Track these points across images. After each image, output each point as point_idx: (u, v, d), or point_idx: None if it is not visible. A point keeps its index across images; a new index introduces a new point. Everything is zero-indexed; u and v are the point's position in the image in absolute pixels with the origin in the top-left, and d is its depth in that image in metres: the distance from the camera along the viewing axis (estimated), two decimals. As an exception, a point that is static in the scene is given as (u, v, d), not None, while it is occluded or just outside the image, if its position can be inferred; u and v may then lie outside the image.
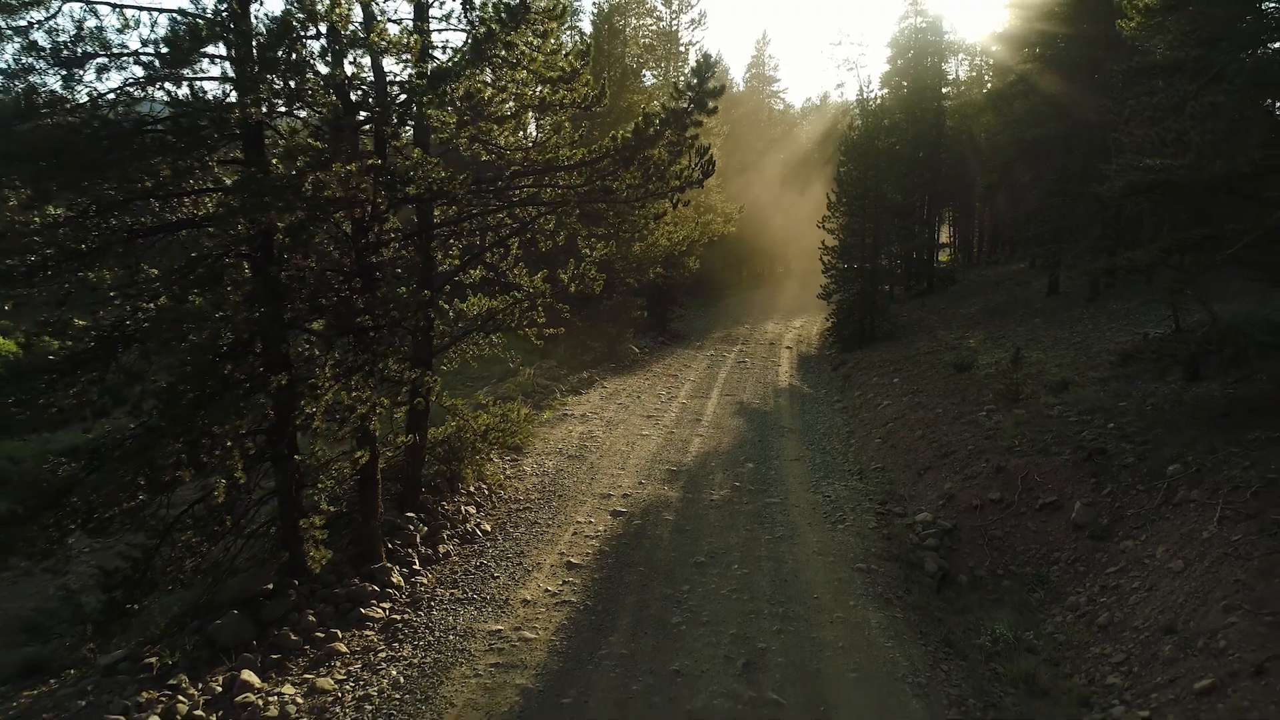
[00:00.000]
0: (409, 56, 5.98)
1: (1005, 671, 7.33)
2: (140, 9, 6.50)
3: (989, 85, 29.44)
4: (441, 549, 8.93)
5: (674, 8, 28.84)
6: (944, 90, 31.54)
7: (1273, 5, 7.86)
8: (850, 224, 23.26)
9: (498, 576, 8.44)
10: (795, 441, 14.20)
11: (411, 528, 8.92)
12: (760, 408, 16.82)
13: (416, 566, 8.41)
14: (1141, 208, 16.84)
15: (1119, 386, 12.49)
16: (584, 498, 10.98)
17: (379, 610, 7.50)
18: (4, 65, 5.90)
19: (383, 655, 6.83)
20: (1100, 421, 11.20)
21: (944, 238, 43.64)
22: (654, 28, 28.13)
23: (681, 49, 29.38)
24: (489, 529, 9.75)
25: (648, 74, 25.95)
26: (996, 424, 12.25)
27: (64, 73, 5.93)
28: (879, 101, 28.54)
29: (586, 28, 24.40)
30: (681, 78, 28.38)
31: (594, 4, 23.84)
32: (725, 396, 17.68)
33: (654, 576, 8.50)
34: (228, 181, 6.60)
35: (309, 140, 6.06)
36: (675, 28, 29.22)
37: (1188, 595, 7.51)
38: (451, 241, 9.72)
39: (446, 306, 8.84)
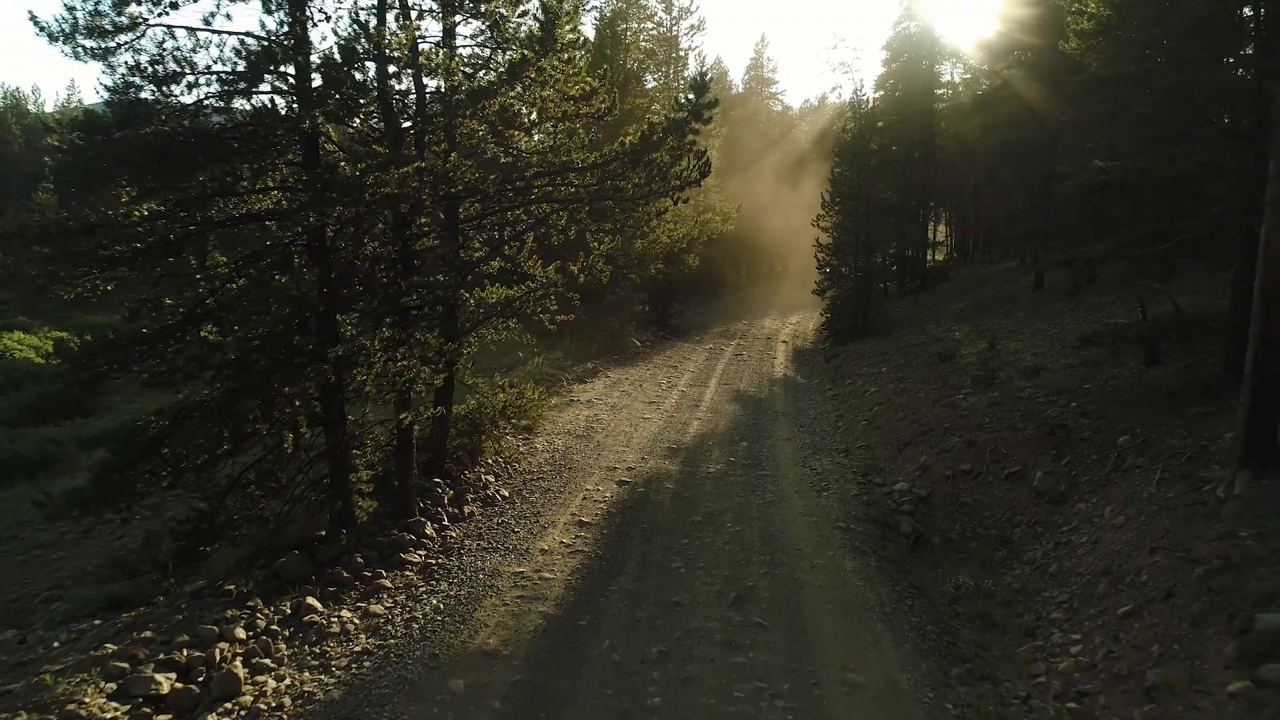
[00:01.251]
0: (450, 76, 7.15)
1: (964, 610, 8.52)
2: (213, 32, 7.71)
3: (983, 88, 30.62)
4: (466, 510, 10.11)
5: (674, 14, 30.22)
6: (937, 93, 32.77)
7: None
8: (843, 223, 24.48)
9: (517, 531, 9.62)
10: (787, 424, 15.39)
11: (439, 490, 10.10)
12: (755, 395, 18.00)
13: (445, 523, 9.60)
14: (1123, 207, 18.03)
15: (1086, 371, 13.68)
16: (592, 470, 12.16)
17: (416, 556, 8.68)
18: (112, 84, 7.06)
19: (423, 589, 8.01)
20: (1064, 401, 12.40)
21: (941, 237, 44.87)
22: (654, 32, 29.39)
23: (681, 53, 30.69)
24: (507, 494, 10.94)
25: (649, 77, 27.22)
26: (971, 405, 13.45)
27: (159, 89, 7.11)
28: (872, 104, 29.71)
29: (589, 32, 25.63)
30: (681, 81, 29.63)
31: (597, 12, 24.94)
32: (723, 385, 18.87)
33: (656, 533, 9.68)
34: (292, 182, 7.78)
35: (373, 146, 7.24)
36: (675, 33, 30.54)
37: (1124, 544, 8.69)
38: (473, 235, 10.90)
39: (467, 295, 10.00)
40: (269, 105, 7.50)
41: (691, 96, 7.81)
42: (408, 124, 7.75)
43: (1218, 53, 9.36)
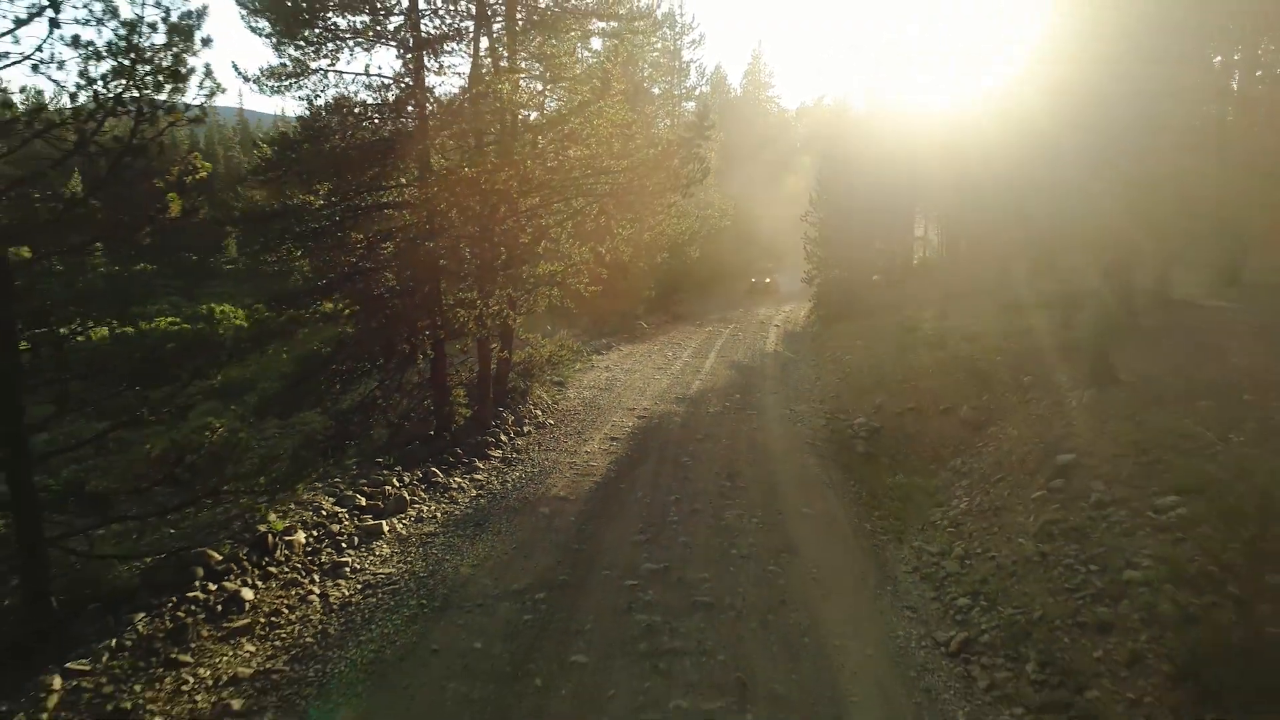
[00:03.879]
0: (533, 109, 10.79)
1: (894, 492, 12.16)
2: (367, 75, 11.37)
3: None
4: (525, 429, 13.77)
5: (676, 30, 33.96)
6: (923, 99, 36.49)
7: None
8: (829, 219, 28.18)
9: (566, 442, 13.27)
10: (774, 384, 19.07)
11: (504, 415, 13.75)
12: (749, 365, 21.69)
13: (512, 436, 13.24)
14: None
15: (1019, 337, 17.37)
16: (615, 410, 15.81)
17: (496, 453, 12.33)
18: (302, 114, 10.71)
19: (507, 469, 11.66)
20: (993, 356, 16.07)
21: (934, 235, 48.62)
22: (659, 46, 33.07)
23: (683, 64, 34.45)
24: (553, 422, 14.60)
25: (655, 87, 30.93)
26: (922, 362, 17.12)
27: (334, 118, 10.76)
28: (859, 110, 33.45)
29: (596, 43, 29.28)
30: (683, 89, 33.37)
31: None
32: (720, 357, 22.55)
33: (668, 444, 13.34)
34: (414, 181, 11.45)
35: (480, 152, 10.92)
36: (678, 46, 34.28)
37: (1011, 444, 12.34)
38: (526, 223, 14.56)
39: (528, 267, 13.65)
40: (402, 128, 11.17)
41: (697, 121, 11.50)
42: (493, 138, 11.37)
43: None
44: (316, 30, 10.79)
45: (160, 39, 5.49)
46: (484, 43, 11.80)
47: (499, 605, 7.43)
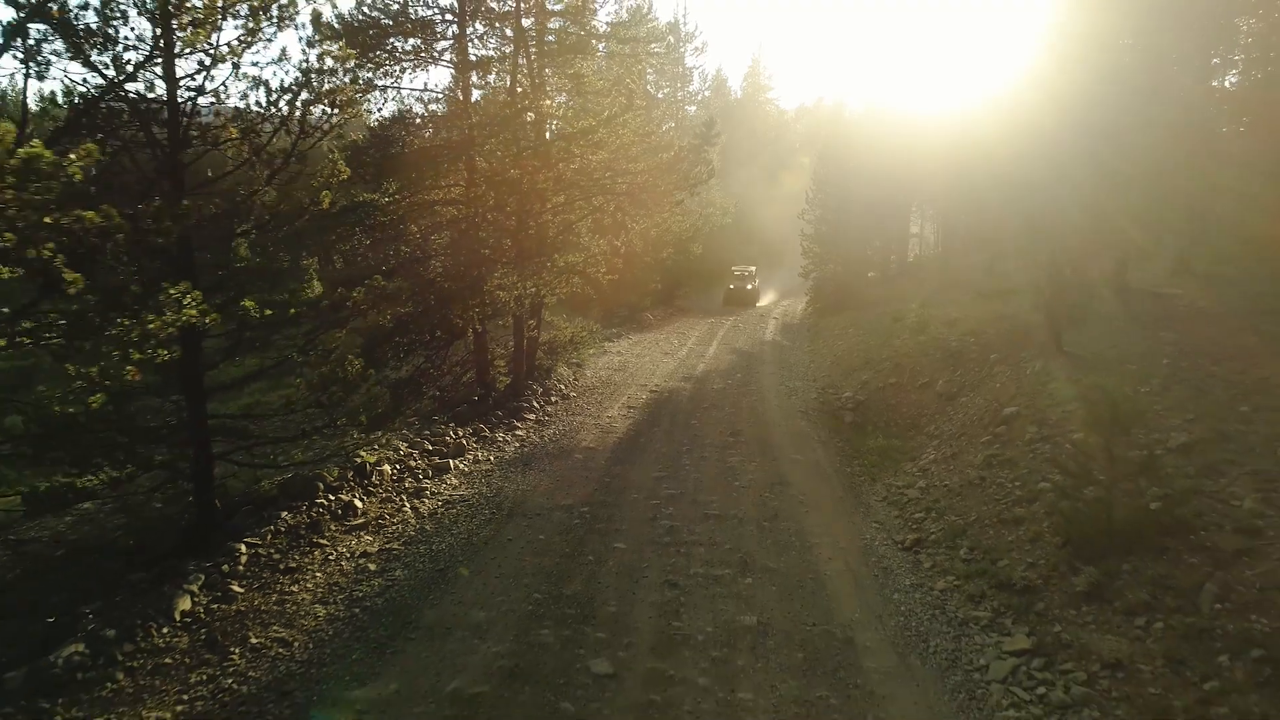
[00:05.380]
0: (572, 124, 13.03)
1: (873, 449, 14.37)
2: (423, 91, 13.61)
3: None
4: (552, 399, 16.00)
5: (680, 37, 36.25)
6: (918, 101, 38.81)
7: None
8: (825, 216, 30.46)
9: (589, 409, 15.50)
10: (772, 366, 21.32)
11: (534, 386, 15.98)
12: (749, 351, 23.94)
13: (542, 404, 15.47)
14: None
15: (992, 322, 19.62)
16: (629, 386, 18.04)
17: (530, 416, 14.55)
18: (374, 125, 12.92)
19: (542, 428, 13.88)
20: (967, 339, 18.31)
21: (931, 232, 50.96)
22: (664, 53, 35.35)
23: (686, 70, 36.77)
24: (575, 395, 16.82)
25: (659, 92, 33.20)
26: (904, 345, 19.35)
27: (398, 129, 12.99)
28: (856, 112, 35.76)
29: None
30: (685, 94, 35.63)
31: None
32: (722, 345, 24.81)
33: (679, 411, 15.57)
34: (464, 182, 13.67)
35: (526, 159, 13.18)
36: (682, 52, 36.59)
37: (977, 409, 14.58)
38: (551, 220, 16.80)
39: (555, 257, 15.88)
40: (451, 137, 13.40)
41: (703, 130, 13.76)
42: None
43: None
44: (382, 53, 13.04)
45: (336, 78, 7.71)
46: (521, 62, 14.04)
47: (553, 514, 9.65)
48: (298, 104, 7.81)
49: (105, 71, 7.13)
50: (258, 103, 7.96)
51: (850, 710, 5.90)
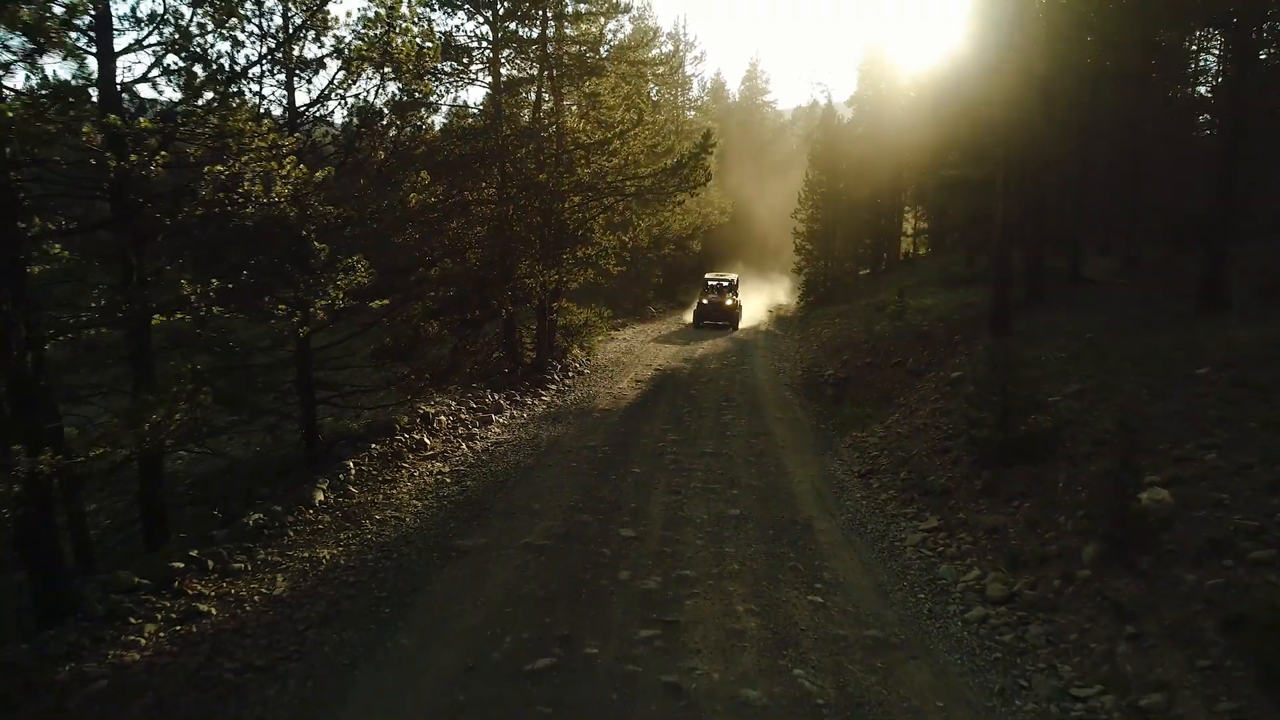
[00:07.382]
0: (589, 136, 15.70)
1: (846, 418, 17.07)
2: (462, 107, 16.34)
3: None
4: (570, 374, 18.72)
5: (680, 46, 39.15)
6: (902, 105, 41.64)
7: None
8: (815, 215, 33.23)
9: (603, 383, 18.22)
10: (764, 351, 24.07)
11: (554, 364, 18.70)
12: (743, 338, 26.70)
13: (560, 378, 18.18)
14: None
15: (961, 309, 22.36)
16: (636, 366, 20.77)
17: (551, 388, 17.26)
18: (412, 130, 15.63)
19: (563, 396, 16.58)
20: (936, 324, 21.04)
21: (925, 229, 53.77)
22: (663, 60, 38.14)
23: (686, 76, 39.60)
24: (589, 372, 19.54)
25: (661, 100, 35.93)
26: (882, 329, 22.08)
27: (447, 140, 15.69)
28: (844, 116, 38.56)
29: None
30: (685, 99, 38.40)
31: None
32: (719, 333, 27.53)
33: (680, 384, 18.29)
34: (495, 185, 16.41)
35: (550, 166, 15.87)
36: (682, 59, 39.41)
37: (934, 382, 17.31)
38: (567, 218, 19.51)
39: (572, 250, 18.60)
40: (487, 146, 16.11)
41: (703, 140, 16.50)
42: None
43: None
44: (430, 78, 15.73)
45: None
46: (545, 82, 16.78)
47: (581, 450, 12.37)
48: (393, 125, 10.52)
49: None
50: (354, 125, 10.69)
51: (804, 560, 8.60)
